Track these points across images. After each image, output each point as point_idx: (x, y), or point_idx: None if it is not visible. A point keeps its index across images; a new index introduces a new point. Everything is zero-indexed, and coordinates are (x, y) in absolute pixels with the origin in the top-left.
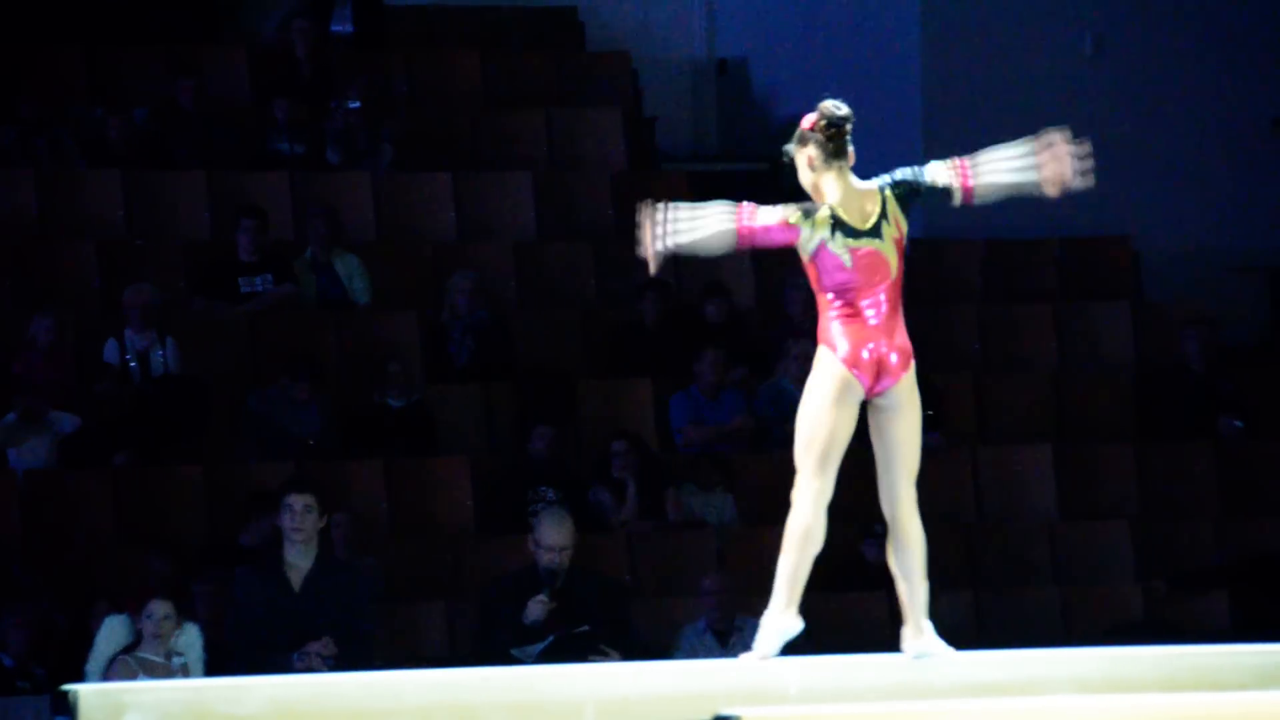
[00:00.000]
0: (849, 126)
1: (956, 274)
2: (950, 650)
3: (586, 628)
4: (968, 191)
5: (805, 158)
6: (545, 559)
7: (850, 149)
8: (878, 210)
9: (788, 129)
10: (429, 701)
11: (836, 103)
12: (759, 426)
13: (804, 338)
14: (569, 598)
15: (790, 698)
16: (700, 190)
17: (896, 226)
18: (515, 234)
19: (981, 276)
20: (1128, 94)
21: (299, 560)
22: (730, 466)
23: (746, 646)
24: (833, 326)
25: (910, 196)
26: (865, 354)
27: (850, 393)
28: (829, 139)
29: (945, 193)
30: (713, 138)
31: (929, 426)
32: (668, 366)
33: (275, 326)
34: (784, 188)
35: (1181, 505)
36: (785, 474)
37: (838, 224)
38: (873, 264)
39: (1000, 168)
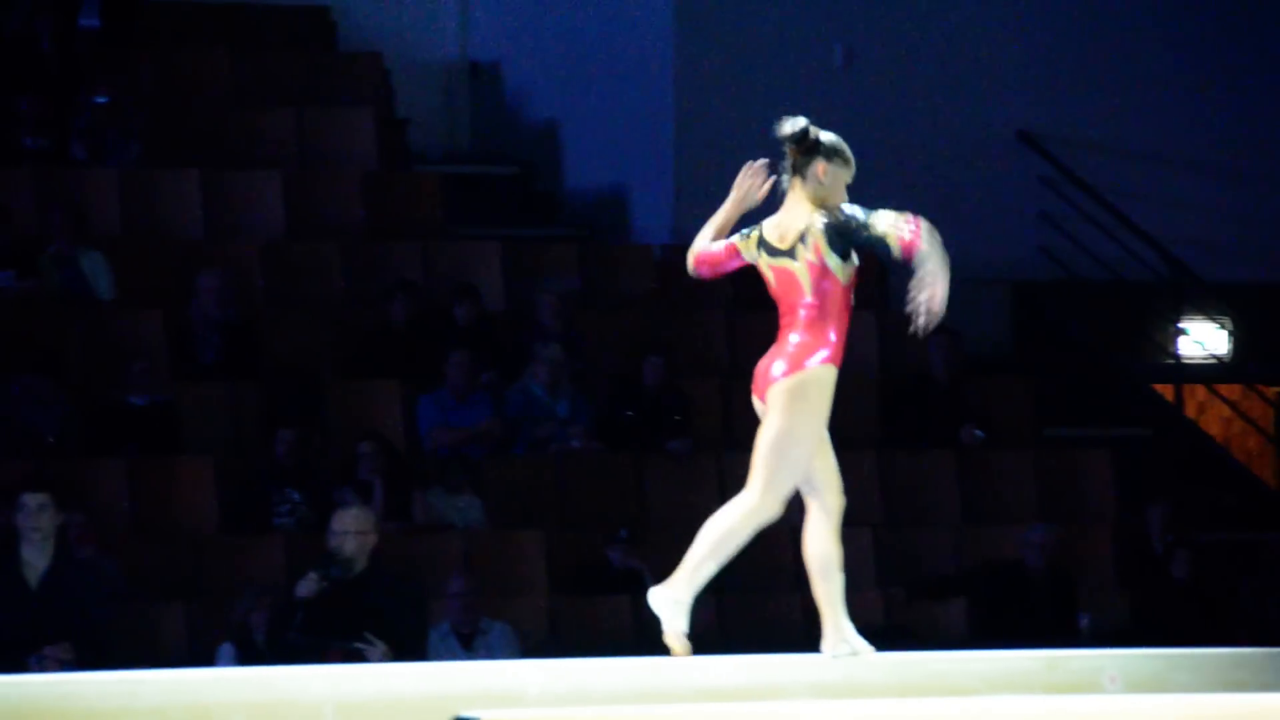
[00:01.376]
0: (787, 146)
1: (707, 280)
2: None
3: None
4: (908, 248)
5: None
6: (329, 542)
7: (797, 171)
8: (798, 233)
9: (540, 132)
10: (165, 702)
11: (790, 120)
12: (507, 429)
13: (553, 341)
14: (357, 592)
15: (530, 700)
16: (453, 192)
17: (815, 254)
18: (264, 233)
19: (731, 283)
20: (877, 105)
21: (35, 559)
22: (478, 469)
23: (490, 649)
24: None
25: (842, 238)
26: (758, 367)
27: (760, 410)
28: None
29: (883, 243)
30: (465, 140)
31: (676, 433)
32: (416, 368)
33: (17, 322)
34: (535, 192)
35: (922, 513)
36: (531, 477)
37: (763, 242)
38: (787, 282)
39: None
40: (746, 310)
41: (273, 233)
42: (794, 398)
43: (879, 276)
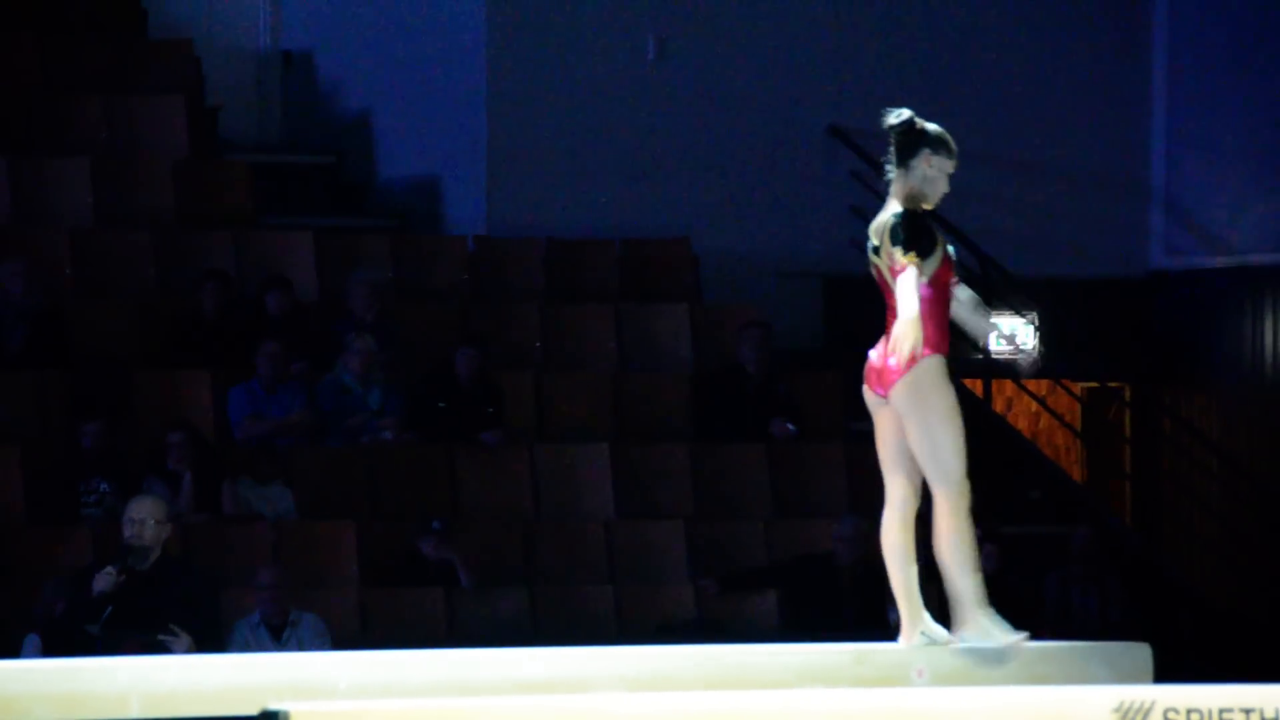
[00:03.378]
0: (892, 137)
1: (518, 272)
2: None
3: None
4: (895, 272)
5: None
6: (125, 531)
7: (901, 163)
8: (880, 231)
9: (353, 121)
10: None
11: (895, 111)
12: (318, 420)
13: (365, 332)
14: (154, 583)
15: (339, 693)
16: (264, 182)
17: (887, 255)
18: (72, 220)
19: (543, 275)
20: (689, 98)
21: None
22: (288, 460)
23: (300, 640)
24: None
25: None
26: (869, 359)
27: (872, 401)
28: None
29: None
30: (277, 129)
31: (489, 424)
32: (227, 358)
33: None
34: (347, 182)
35: (734, 506)
36: (343, 468)
37: (868, 238)
38: (880, 279)
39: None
40: (559, 303)
41: (81, 220)
42: (916, 390)
43: (693, 269)
